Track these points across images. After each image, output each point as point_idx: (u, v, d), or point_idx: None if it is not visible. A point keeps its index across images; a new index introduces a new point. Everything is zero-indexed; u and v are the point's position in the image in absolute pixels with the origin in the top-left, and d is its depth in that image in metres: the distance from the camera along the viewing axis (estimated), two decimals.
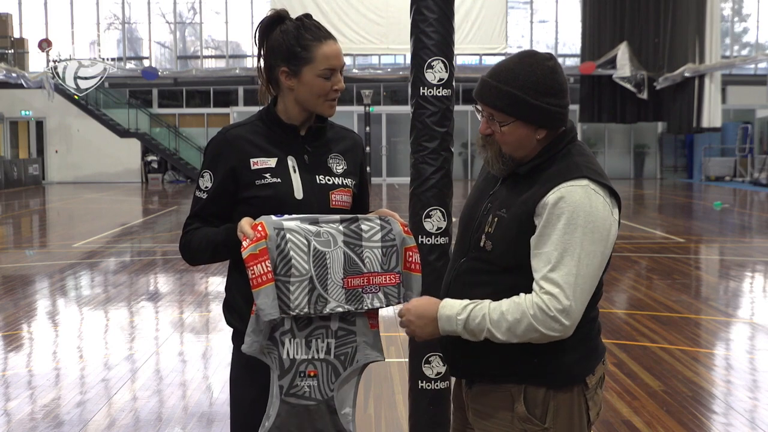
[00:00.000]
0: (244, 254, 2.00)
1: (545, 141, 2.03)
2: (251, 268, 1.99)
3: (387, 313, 7.11)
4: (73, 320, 7.13)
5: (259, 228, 2.02)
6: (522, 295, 1.91)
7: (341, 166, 2.31)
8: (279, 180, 2.20)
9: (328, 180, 2.27)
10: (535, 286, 1.90)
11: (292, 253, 2.04)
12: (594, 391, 2.07)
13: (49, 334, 6.58)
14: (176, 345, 6.19)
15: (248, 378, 2.24)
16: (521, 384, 2.01)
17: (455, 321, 1.96)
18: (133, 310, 7.46)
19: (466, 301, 1.97)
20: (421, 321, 2.02)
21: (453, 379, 2.63)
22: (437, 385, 3.10)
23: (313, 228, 2.08)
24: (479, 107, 2.05)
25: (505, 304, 1.92)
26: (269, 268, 2.00)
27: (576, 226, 1.89)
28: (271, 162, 2.22)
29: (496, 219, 2.01)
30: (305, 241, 2.06)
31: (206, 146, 2.29)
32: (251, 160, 2.20)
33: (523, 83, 1.95)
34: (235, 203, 2.22)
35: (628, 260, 10.06)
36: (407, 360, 3.24)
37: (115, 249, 11.69)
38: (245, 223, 2.04)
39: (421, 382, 3.12)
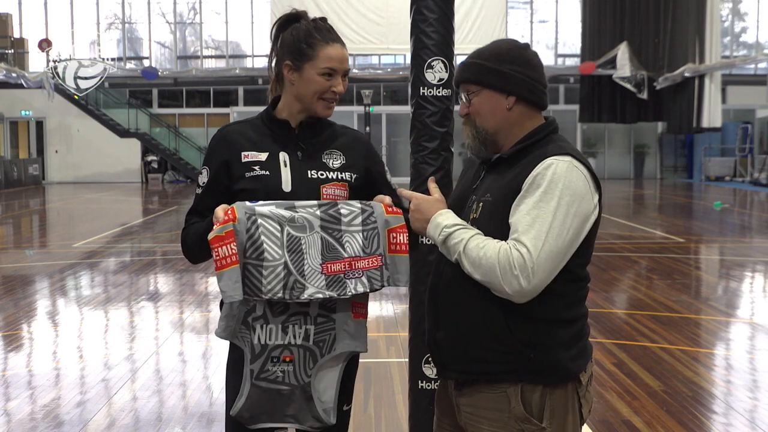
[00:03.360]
0: (210, 236, 2.00)
1: (526, 124, 2.07)
2: (216, 249, 1.99)
3: (387, 313, 7.11)
4: (73, 320, 7.13)
5: (229, 212, 2.03)
6: (503, 242, 1.94)
7: (338, 161, 2.32)
8: (268, 173, 2.24)
9: (321, 174, 2.28)
10: (509, 242, 1.93)
11: (263, 238, 2.03)
12: (586, 389, 2.09)
13: (49, 334, 6.58)
14: (176, 345, 6.19)
15: (240, 375, 2.24)
16: (517, 383, 2.01)
17: (440, 230, 2.02)
18: (133, 310, 7.46)
19: (462, 222, 2.03)
20: (419, 215, 2.09)
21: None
22: (437, 385, 3.10)
23: (287, 213, 2.08)
24: (459, 93, 2.16)
25: (484, 240, 1.96)
26: (234, 251, 1.99)
27: (553, 196, 1.92)
28: (262, 156, 2.26)
29: (481, 204, 2.04)
30: (278, 227, 2.06)
31: (208, 145, 2.36)
32: (242, 153, 2.26)
33: (488, 55, 2.08)
34: (231, 197, 2.25)
35: (628, 260, 10.06)
36: (407, 360, 3.24)
37: (115, 249, 11.69)
38: (219, 209, 2.08)
39: (421, 382, 3.12)
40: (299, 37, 2.25)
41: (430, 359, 3.11)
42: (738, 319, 7.01)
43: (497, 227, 1.99)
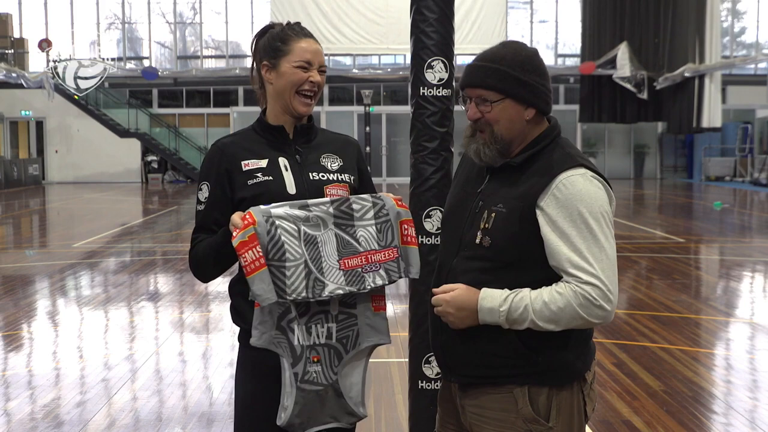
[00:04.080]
0: (234, 242, 2.00)
1: (533, 130, 2.06)
2: (243, 255, 1.99)
3: (387, 313, 7.10)
4: (73, 320, 7.13)
5: (247, 216, 2.03)
6: (561, 284, 1.93)
7: (336, 164, 2.34)
8: (271, 178, 2.25)
9: (322, 176, 2.30)
10: (568, 277, 1.93)
11: (283, 238, 2.04)
12: (590, 387, 2.10)
13: (49, 334, 6.58)
14: (176, 345, 6.19)
15: (253, 378, 2.24)
16: (524, 385, 2.01)
17: (498, 313, 1.96)
18: (133, 310, 7.46)
19: (505, 292, 1.97)
20: (461, 313, 2.01)
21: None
22: (437, 385, 3.10)
23: (301, 213, 2.08)
24: (466, 95, 2.08)
25: (545, 293, 1.93)
26: (260, 254, 2.00)
27: (586, 217, 1.93)
28: (262, 162, 2.27)
29: (493, 214, 2.01)
30: (294, 227, 2.06)
31: (202, 162, 2.36)
32: (242, 162, 2.26)
33: (511, 62, 2.02)
34: (234, 207, 2.24)
35: (628, 260, 10.06)
36: (407, 360, 3.24)
37: (115, 249, 11.69)
38: (235, 215, 2.08)
39: (421, 382, 3.12)
40: (273, 39, 2.31)
41: (430, 359, 3.11)
42: (738, 319, 7.01)
43: (510, 239, 1.98)
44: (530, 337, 1.98)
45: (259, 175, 2.24)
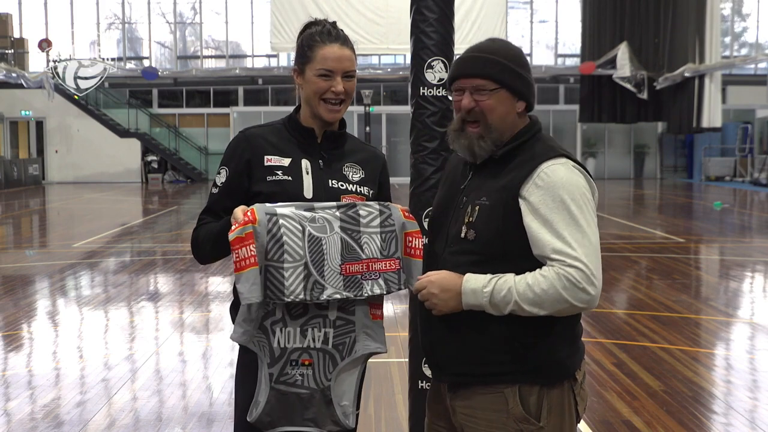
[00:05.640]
0: (231, 237, 2.00)
1: (518, 124, 2.09)
2: (236, 251, 1.99)
3: (387, 313, 7.11)
4: (73, 320, 7.13)
5: (249, 213, 2.02)
6: (546, 268, 1.93)
7: (358, 175, 2.34)
8: (290, 178, 2.25)
9: (341, 185, 2.30)
10: (552, 262, 1.92)
11: (285, 238, 2.02)
12: (581, 386, 2.10)
13: (49, 334, 6.58)
14: (176, 345, 6.19)
15: (253, 378, 2.24)
16: (514, 384, 2.01)
17: (481, 294, 1.96)
18: (133, 310, 7.46)
19: (489, 275, 1.97)
20: (445, 294, 2.00)
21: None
22: (428, 387, 3.10)
23: (308, 214, 2.07)
24: (460, 85, 2.07)
25: (529, 277, 1.93)
26: (253, 252, 1.99)
27: (568, 203, 1.94)
28: (285, 161, 2.27)
29: (477, 207, 2.02)
30: (299, 227, 2.05)
31: (227, 147, 2.35)
32: (265, 157, 2.26)
33: (505, 55, 2.07)
34: (248, 199, 2.24)
35: (628, 260, 10.06)
36: (407, 360, 3.24)
37: (115, 249, 11.69)
38: (238, 209, 2.07)
39: (421, 382, 3.13)
40: (303, 42, 2.30)
41: None
42: (738, 319, 7.01)
43: (494, 231, 1.99)
44: (519, 333, 1.98)
45: (279, 173, 2.24)
